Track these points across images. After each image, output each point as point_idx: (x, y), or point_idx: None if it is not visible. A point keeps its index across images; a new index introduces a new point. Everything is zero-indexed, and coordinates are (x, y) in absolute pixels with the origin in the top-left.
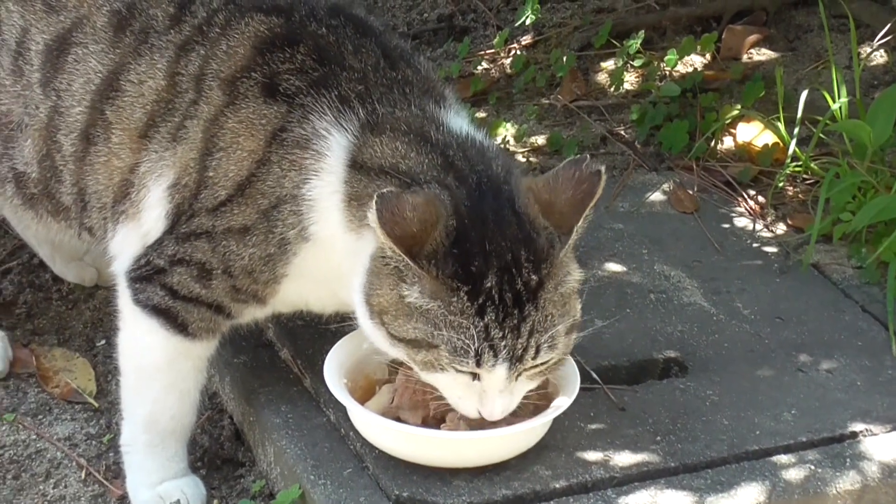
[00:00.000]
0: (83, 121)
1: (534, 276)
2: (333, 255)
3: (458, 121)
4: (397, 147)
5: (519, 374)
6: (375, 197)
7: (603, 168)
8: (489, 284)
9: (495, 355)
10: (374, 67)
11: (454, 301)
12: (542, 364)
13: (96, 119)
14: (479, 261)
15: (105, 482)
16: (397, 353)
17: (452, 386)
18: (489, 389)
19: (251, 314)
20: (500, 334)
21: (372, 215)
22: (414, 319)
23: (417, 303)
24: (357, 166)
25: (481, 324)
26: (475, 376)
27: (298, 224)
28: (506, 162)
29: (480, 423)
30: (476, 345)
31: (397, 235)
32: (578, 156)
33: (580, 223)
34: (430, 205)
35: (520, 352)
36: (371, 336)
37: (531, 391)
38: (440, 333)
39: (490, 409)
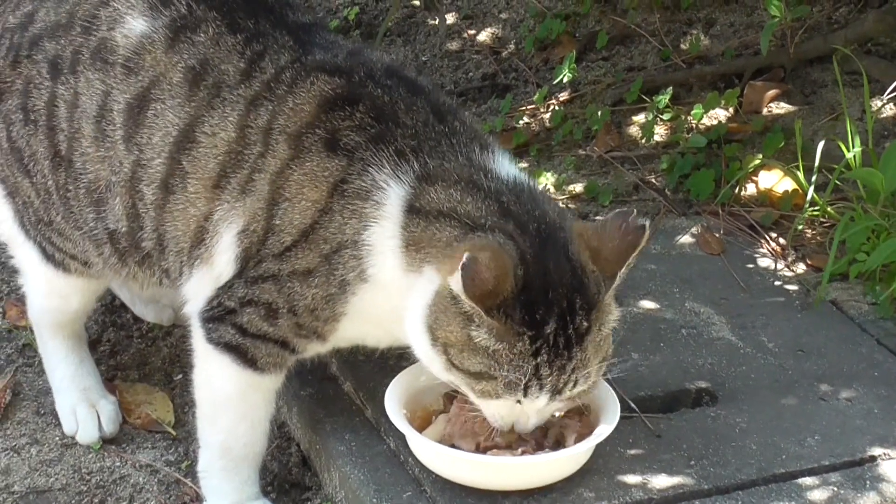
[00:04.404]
0: (163, 171)
1: (585, 323)
2: (390, 297)
3: (506, 167)
4: (452, 194)
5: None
6: (461, 266)
7: (648, 223)
8: (549, 330)
9: (540, 389)
10: (424, 123)
11: (518, 344)
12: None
13: (174, 169)
14: (542, 309)
15: None
16: (452, 378)
17: (498, 408)
18: (528, 412)
19: (313, 349)
20: (548, 372)
21: (457, 283)
22: (479, 355)
23: (485, 343)
24: (414, 211)
25: (534, 363)
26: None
27: (358, 267)
28: (557, 208)
29: (528, 449)
30: (525, 380)
31: (477, 296)
32: (625, 209)
33: (623, 270)
34: (499, 256)
35: (560, 386)
36: (427, 361)
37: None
38: (500, 369)
39: (524, 426)
